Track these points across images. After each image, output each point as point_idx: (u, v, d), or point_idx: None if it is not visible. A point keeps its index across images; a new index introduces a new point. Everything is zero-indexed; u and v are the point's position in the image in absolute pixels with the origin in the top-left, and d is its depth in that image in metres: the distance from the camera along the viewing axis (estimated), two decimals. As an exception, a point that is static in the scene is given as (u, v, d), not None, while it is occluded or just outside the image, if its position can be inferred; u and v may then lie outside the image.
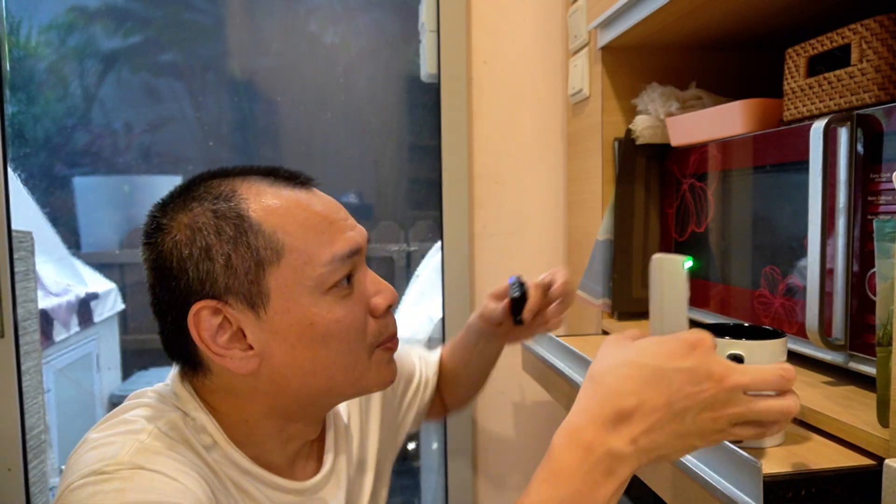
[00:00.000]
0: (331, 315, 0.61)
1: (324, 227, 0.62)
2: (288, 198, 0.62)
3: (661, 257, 0.58)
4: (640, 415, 0.48)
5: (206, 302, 0.59)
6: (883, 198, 0.64)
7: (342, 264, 0.62)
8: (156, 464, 0.56)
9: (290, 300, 0.60)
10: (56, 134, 1.44)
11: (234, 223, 0.60)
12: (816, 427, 0.62)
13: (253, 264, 0.59)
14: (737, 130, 0.88)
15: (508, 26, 1.42)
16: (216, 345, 0.60)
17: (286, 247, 0.60)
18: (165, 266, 0.60)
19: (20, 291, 1.30)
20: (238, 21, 1.48)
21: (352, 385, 0.64)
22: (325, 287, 0.61)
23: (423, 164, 1.54)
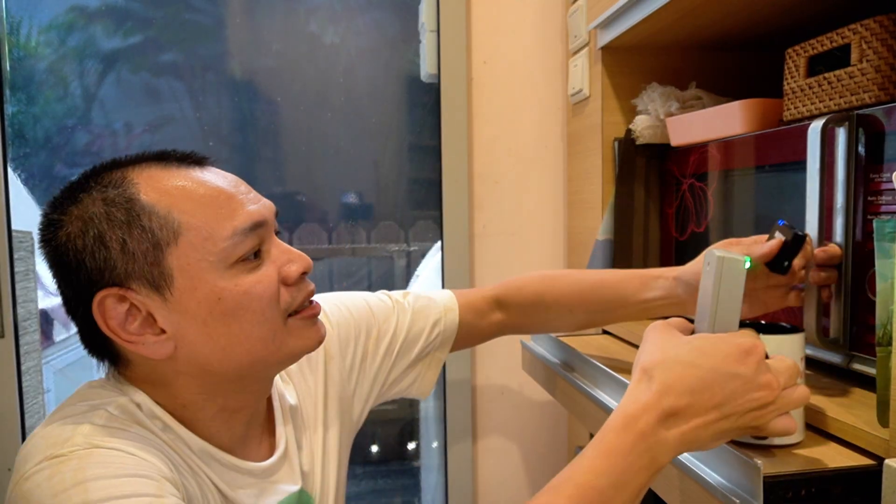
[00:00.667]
0: (238, 288, 0.60)
1: (222, 201, 0.61)
2: (181, 177, 0.62)
3: (723, 256, 0.55)
4: (693, 413, 0.50)
5: (108, 290, 0.59)
6: (883, 198, 0.64)
7: (245, 237, 0.61)
8: (112, 442, 0.55)
9: (194, 278, 0.59)
10: (56, 134, 1.44)
11: (126, 208, 0.59)
12: (816, 427, 0.62)
13: (150, 246, 0.59)
14: (737, 130, 0.88)
15: (508, 26, 1.42)
16: (126, 332, 0.60)
17: (183, 225, 0.59)
18: (63, 261, 0.60)
19: (20, 291, 1.30)
20: (238, 21, 1.48)
21: (273, 354, 0.64)
22: (229, 261, 0.60)
23: (423, 164, 1.54)
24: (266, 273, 0.63)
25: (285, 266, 0.64)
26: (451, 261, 1.42)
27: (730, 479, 0.55)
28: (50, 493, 0.51)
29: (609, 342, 1.11)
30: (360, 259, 1.55)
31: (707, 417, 0.50)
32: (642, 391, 0.51)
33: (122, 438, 0.56)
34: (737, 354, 0.51)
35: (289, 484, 0.72)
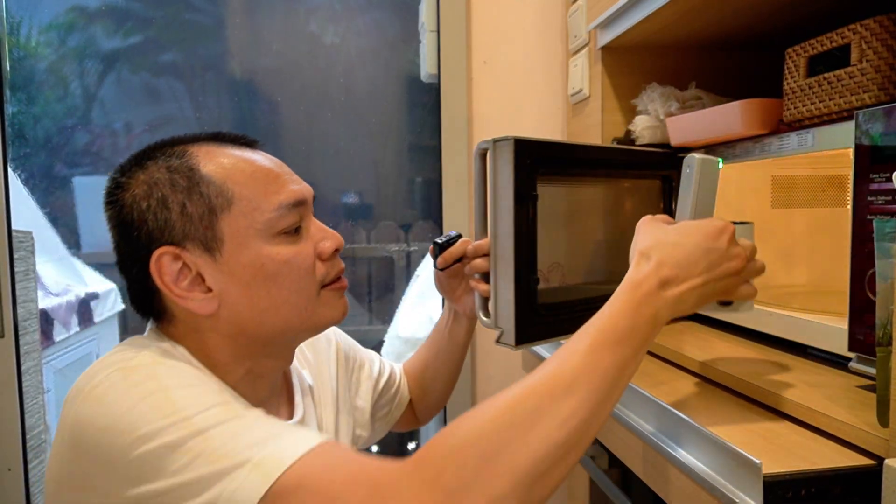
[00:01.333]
0: (279, 256, 0.67)
1: (270, 178, 0.68)
2: (235, 154, 0.69)
3: (700, 157, 0.68)
4: (682, 279, 0.60)
5: (165, 248, 0.65)
6: (883, 198, 0.64)
7: (288, 212, 0.68)
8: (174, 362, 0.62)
9: (241, 243, 0.66)
10: (56, 134, 1.44)
11: (187, 175, 0.66)
12: (816, 427, 0.62)
13: (206, 211, 0.65)
14: (737, 130, 0.88)
15: (508, 26, 1.42)
16: (178, 288, 0.65)
17: (236, 195, 0.66)
18: (127, 220, 0.66)
19: (20, 291, 1.30)
20: (238, 21, 1.48)
21: (305, 321, 0.70)
22: (273, 231, 0.67)
23: (423, 164, 1.54)
24: (304, 246, 0.70)
25: (321, 242, 0.71)
26: (451, 261, 1.42)
27: (730, 478, 0.55)
28: (125, 387, 0.57)
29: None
30: (361, 259, 1.55)
31: (694, 282, 0.60)
32: (643, 267, 0.60)
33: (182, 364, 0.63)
34: (714, 233, 0.62)
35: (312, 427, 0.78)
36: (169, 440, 0.53)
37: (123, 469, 0.53)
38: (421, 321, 1.58)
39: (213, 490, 0.51)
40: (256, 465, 0.52)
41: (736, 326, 0.92)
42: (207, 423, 0.54)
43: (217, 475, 0.52)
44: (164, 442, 0.53)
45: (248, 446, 0.53)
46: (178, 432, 0.53)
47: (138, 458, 0.53)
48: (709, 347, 0.91)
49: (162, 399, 0.55)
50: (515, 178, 0.75)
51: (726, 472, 0.55)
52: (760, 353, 0.86)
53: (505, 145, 0.76)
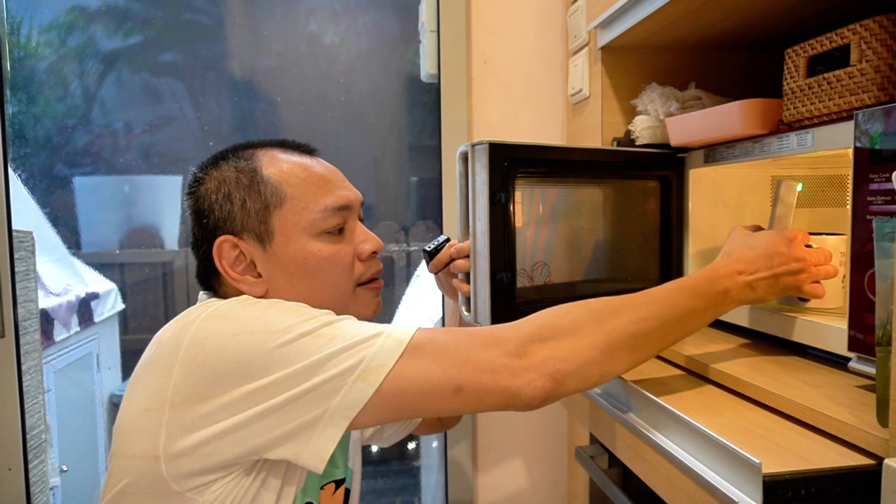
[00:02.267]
0: (320, 253, 0.76)
1: (320, 184, 0.78)
2: (293, 160, 0.79)
3: (782, 181, 0.85)
4: (753, 271, 0.74)
5: (226, 237, 0.75)
6: (883, 198, 0.64)
7: (332, 214, 0.77)
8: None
9: (289, 238, 0.75)
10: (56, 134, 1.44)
11: (250, 175, 0.76)
12: (816, 427, 0.62)
13: (262, 207, 0.75)
14: (737, 130, 0.88)
15: (508, 26, 1.42)
16: (234, 271, 0.75)
17: (288, 195, 0.76)
18: (200, 208, 0.77)
19: (20, 291, 1.30)
20: (238, 21, 1.48)
21: (339, 313, 0.73)
22: (317, 230, 0.76)
23: (423, 164, 1.54)
24: (345, 247, 0.78)
25: (361, 244, 0.80)
26: (451, 261, 1.42)
27: (730, 478, 0.55)
28: (247, 308, 0.67)
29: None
30: (360, 259, 1.54)
31: (760, 275, 0.73)
32: (723, 261, 0.75)
33: None
34: (784, 241, 0.76)
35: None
36: (305, 330, 0.63)
37: (256, 363, 0.61)
38: (421, 321, 1.59)
39: (354, 356, 0.61)
40: (388, 335, 0.63)
41: (736, 326, 0.92)
42: (333, 319, 0.65)
43: (356, 344, 0.62)
44: (301, 331, 0.63)
45: (373, 327, 0.64)
46: (310, 325, 0.63)
47: (277, 348, 0.61)
48: (709, 347, 0.91)
49: (284, 308, 0.66)
50: (490, 179, 0.80)
51: (726, 472, 0.55)
52: (760, 353, 0.86)
53: (481, 149, 0.81)
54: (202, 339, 0.63)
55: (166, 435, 0.62)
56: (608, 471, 1.06)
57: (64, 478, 1.58)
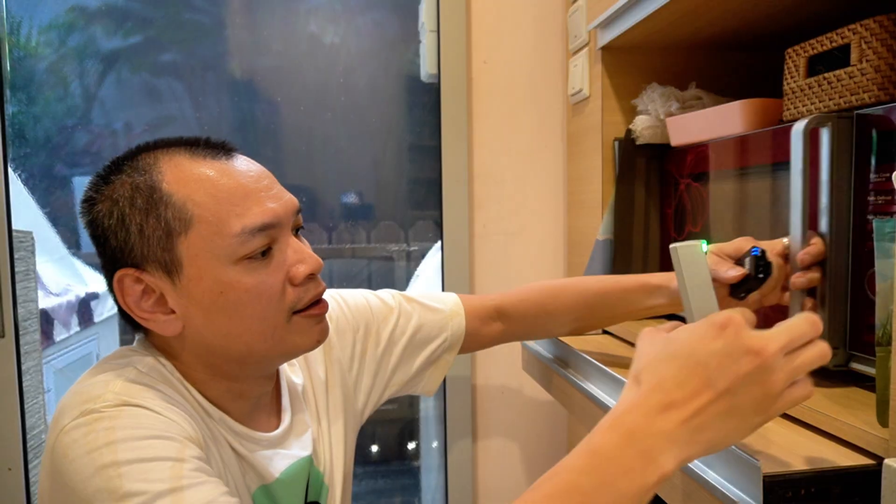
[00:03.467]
0: (241, 285, 0.63)
1: (237, 198, 0.63)
2: (203, 170, 0.64)
3: (678, 246, 0.60)
4: (686, 400, 0.47)
5: (126, 270, 0.64)
6: (882, 198, 0.64)
7: (252, 236, 0.63)
8: (141, 399, 0.60)
9: (201, 268, 0.62)
10: (56, 134, 1.44)
11: (147, 195, 0.63)
12: (816, 427, 0.62)
13: (163, 234, 0.62)
14: (737, 130, 0.88)
15: (508, 26, 1.42)
16: (140, 309, 0.64)
17: (195, 217, 0.62)
18: (95, 234, 0.65)
19: (20, 291, 1.30)
20: (238, 21, 1.48)
21: (272, 348, 0.67)
22: (235, 257, 0.63)
23: (423, 164, 1.54)
24: (272, 273, 0.65)
25: (294, 266, 0.66)
26: (451, 261, 1.42)
27: (730, 478, 0.55)
28: (85, 451, 0.55)
29: (608, 341, 1.11)
30: (361, 259, 1.55)
31: (702, 400, 0.47)
32: (631, 395, 0.50)
33: (150, 396, 0.60)
34: (712, 332, 0.49)
35: (299, 450, 0.75)
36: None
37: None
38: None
39: None
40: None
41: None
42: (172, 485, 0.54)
43: None
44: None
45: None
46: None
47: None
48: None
49: (113, 477, 0.54)
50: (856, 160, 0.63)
51: (726, 472, 0.55)
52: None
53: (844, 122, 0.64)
54: (53, 467, 0.57)
55: None
56: (608, 471, 1.06)
57: (64, 478, 1.57)
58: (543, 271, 1.47)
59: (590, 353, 0.95)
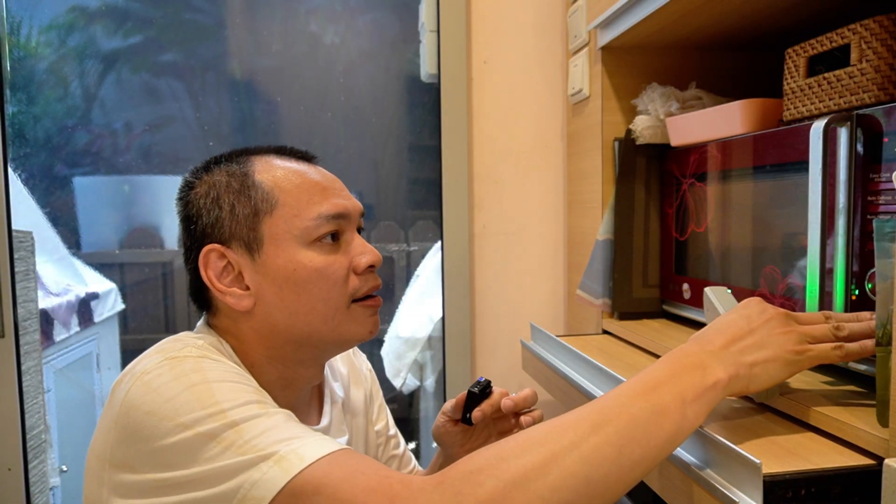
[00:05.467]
0: (312, 264, 0.70)
1: (315, 191, 0.72)
2: (289, 166, 0.74)
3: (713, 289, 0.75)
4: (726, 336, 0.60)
5: (213, 245, 0.71)
6: (883, 198, 0.64)
7: (326, 222, 0.71)
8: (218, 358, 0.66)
9: (279, 247, 0.70)
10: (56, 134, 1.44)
11: (241, 180, 0.72)
12: (816, 427, 0.62)
13: (251, 213, 0.70)
14: (737, 130, 0.88)
15: (508, 26, 1.42)
16: (220, 283, 0.71)
17: (279, 201, 0.71)
18: (188, 214, 0.73)
19: (20, 291, 1.30)
20: (238, 21, 1.48)
21: (330, 333, 0.72)
22: (309, 239, 0.70)
23: (423, 164, 1.54)
24: (339, 258, 0.72)
25: (358, 256, 0.73)
26: (451, 261, 1.42)
27: (730, 478, 0.55)
28: (172, 377, 0.61)
29: (609, 342, 1.11)
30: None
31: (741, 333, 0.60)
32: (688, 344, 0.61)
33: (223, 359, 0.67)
34: (741, 306, 0.64)
35: (340, 437, 0.81)
36: (206, 429, 0.57)
37: (160, 453, 0.57)
38: (421, 321, 1.59)
39: (237, 479, 0.55)
40: (279, 459, 0.55)
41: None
42: (242, 416, 0.58)
43: (243, 465, 0.55)
44: (201, 430, 0.57)
45: (275, 441, 0.56)
46: (214, 422, 0.57)
47: (175, 444, 0.57)
48: (709, 347, 0.91)
49: (204, 391, 0.59)
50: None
51: (726, 472, 0.55)
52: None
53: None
54: (128, 409, 0.60)
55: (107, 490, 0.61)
56: (608, 471, 1.06)
57: (63, 478, 1.58)
58: (543, 271, 1.47)
59: (590, 353, 0.95)
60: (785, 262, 0.79)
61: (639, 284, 1.13)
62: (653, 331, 1.05)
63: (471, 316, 1.43)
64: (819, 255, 0.68)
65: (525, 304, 1.46)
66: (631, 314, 1.14)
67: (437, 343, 1.53)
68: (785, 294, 0.79)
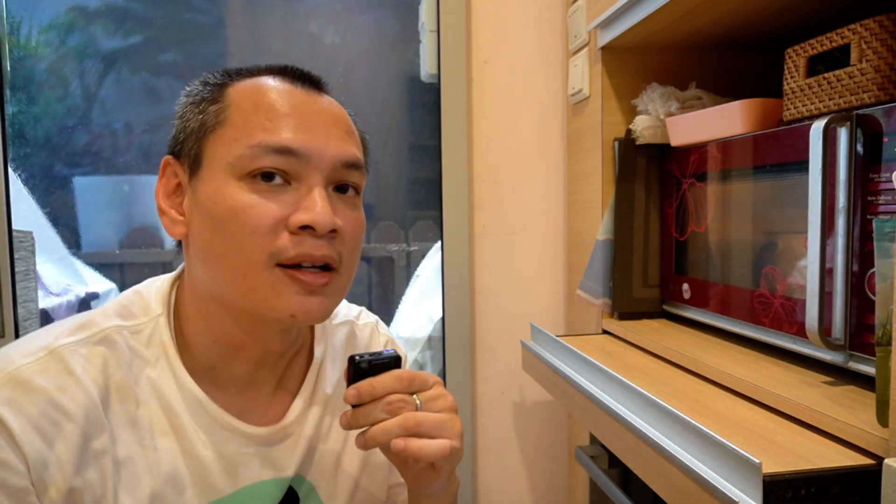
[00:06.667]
0: (230, 201, 0.57)
1: (276, 116, 0.59)
2: (269, 85, 0.62)
3: None
4: None
5: (168, 158, 0.63)
6: (882, 198, 0.64)
7: (263, 154, 0.58)
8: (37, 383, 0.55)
9: (212, 171, 0.59)
10: (56, 134, 1.44)
11: (211, 90, 0.63)
12: (816, 427, 0.62)
13: (198, 126, 0.61)
14: (737, 130, 0.88)
15: (508, 26, 1.42)
16: (164, 199, 0.63)
17: (228, 119, 0.60)
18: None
19: (20, 291, 1.30)
20: (238, 21, 1.48)
21: (242, 295, 0.59)
22: (242, 171, 0.58)
23: (423, 164, 1.54)
24: (269, 205, 0.58)
25: (298, 211, 0.58)
26: (451, 261, 1.42)
27: (730, 478, 0.55)
28: None
29: (609, 342, 1.11)
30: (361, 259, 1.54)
31: None
32: None
33: (48, 381, 0.55)
34: None
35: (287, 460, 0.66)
36: None
37: None
38: (421, 321, 1.58)
39: None
40: None
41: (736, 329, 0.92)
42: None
43: None
44: None
45: None
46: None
47: None
48: (709, 349, 0.91)
49: None
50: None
51: (726, 472, 0.55)
52: (760, 353, 0.86)
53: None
54: None
55: None
56: (608, 471, 1.06)
57: (64, 478, 1.57)
58: (543, 271, 1.47)
59: (590, 353, 0.95)
60: (785, 262, 0.79)
61: (639, 284, 1.13)
62: (653, 331, 1.05)
63: (471, 316, 1.43)
64: (819, 255, 0.68)
65: (525, 304, 1.46)
66: (631, 314, 1.14)
67: (437, 343, 1.53)
68: (785, 294, 0.79)
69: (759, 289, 0.84)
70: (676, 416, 0.64)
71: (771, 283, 0.82)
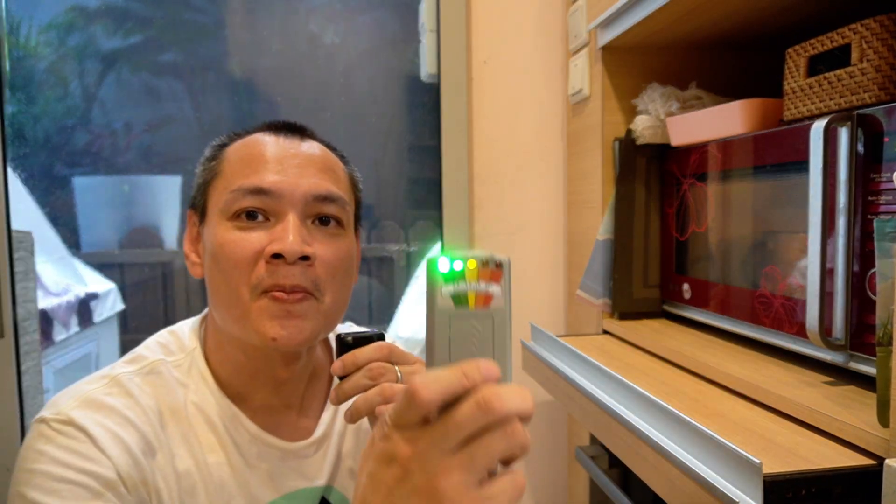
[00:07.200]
0: (223, 238, 0.66)
1: (253, 162, 0.68)
2: (255, 139, 0.71)
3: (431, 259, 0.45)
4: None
5: (190, 210, 0.74)
6: (883, 198, 0.64)
7: (242, 196, 0.66)
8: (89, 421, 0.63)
9: (211, 217, 0.69)
10: (56, 134, 1.44)
11: (213, 151, 0.73)
12: (816, 427, 0.62)
13: (203, 181, 0.72)
14: (737, 130, 0.88)
15: (508, 26, 1.42)
16: (188, 245, 0.73)
17: (221, 171, 0.70)
18: None
19: (20, 291, 1.30)
20: (238, 21, 1.48)
21: (235, 322, 0.67)
22: (228, 213, 0.67)
23: (423, 164, 1.54)
24: (249, 238, 0.66)
25: (271, 243, 0.65)
26: (451, 261, 1.42)
27: (730, 478, 0.55)
28: (20, 461, 0.63)
29: (609, 342, 1.11)
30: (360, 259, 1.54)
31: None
32: None
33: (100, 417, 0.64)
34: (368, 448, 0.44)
35: (316, 471, 0.73)
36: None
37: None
38: (421, 321, 1.58)
39: None
40: None
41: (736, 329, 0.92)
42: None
43: None
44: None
45: None
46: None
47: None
48: (709, 349, 0.91)
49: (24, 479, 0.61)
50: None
51: (726, 472, 0.55)
52: (760, 353, 0.86)
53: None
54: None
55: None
56: (608, 471, 1.06)
57: (63, 478, 1.57)
58: (543, 271, 1.47)
59: (590, 353, 0.95)
60: (785, 262, 0.79)
61: (639, 284, 1.13)
62: (653, 331, 1.05)
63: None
64: (819, 255, 0.68)
65: (525, 304, 1.46)
66: (631, 314, 1.14)
67: (437, 343, 1.53)
68: (785, 294, 0.79)
69: (759, 289, 0.84)
70: (677, 416, 0.64)
71: (771, 284, 0.82)
